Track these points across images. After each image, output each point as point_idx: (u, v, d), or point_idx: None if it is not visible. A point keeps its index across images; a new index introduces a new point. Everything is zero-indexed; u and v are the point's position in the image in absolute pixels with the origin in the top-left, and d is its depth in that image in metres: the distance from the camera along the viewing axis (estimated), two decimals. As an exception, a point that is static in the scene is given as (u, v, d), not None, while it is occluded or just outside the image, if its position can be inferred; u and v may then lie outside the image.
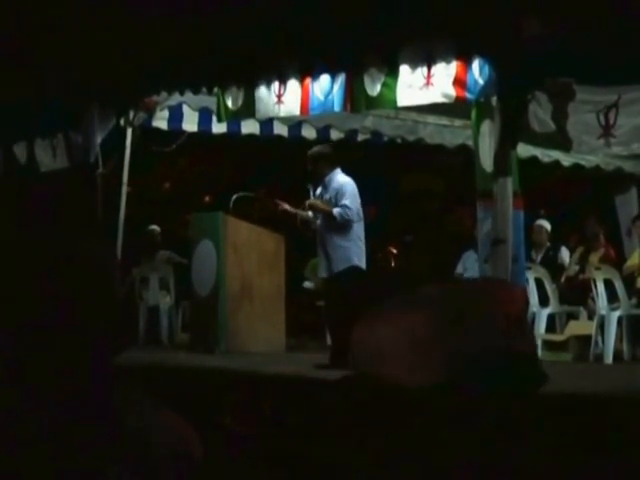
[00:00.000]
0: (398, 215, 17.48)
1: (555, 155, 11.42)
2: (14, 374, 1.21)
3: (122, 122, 10.63)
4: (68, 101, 10.03)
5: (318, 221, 8.73)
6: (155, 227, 13.02)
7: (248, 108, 9.44)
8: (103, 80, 9.78)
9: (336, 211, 8.48)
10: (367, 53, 8.27)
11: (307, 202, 8.76)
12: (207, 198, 18.31)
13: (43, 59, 9.94)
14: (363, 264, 8.61)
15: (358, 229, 8.60)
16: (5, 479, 1.17)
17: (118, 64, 9.50)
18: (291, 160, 15.55)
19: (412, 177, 17.20)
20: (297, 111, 9.19)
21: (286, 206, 9.10)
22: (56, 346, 1.24)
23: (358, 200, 8.60)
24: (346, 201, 8.49)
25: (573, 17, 6.90)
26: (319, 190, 8.80)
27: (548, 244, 11.39)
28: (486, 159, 8.26)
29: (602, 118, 7.46)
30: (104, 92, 9.98)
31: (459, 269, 11.81)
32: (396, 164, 15.61)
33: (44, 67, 9.94)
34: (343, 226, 8.51)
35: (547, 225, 11.51)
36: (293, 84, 9.00)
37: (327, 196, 8.64)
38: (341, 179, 8.66)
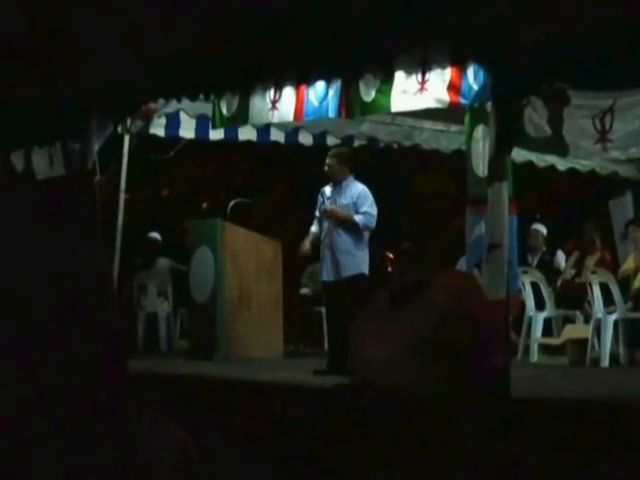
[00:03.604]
0: (405, 219, 17.46)
1: (551, 160, 11.45)
2: (21, 372, 1.24)
3: (120, 129, 10.65)
4: (66, 109, 10.04)
5: (325, 224, 8.65)
6: (157, 235, 13.03)
7: (242, 114, 9.43)
8: (101, 88, 9.80)
9: (359, 218, 8.42)
10: (363, 60, 8.28)
11: (327, 208, 8.61)
12: (205, 205, 18.32)
13: (41, 67, 9.96)
14: (367, 271, 8.64)
15: (367, 236, 8.60)
16: (13, 477, 1.20)
17: (115, 72, 9.52)
18: (288, 166, 15.59)
19: (421, 180, 17.13)
20: (291, 117, 9.17)
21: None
22: (62, 347, 1.27)
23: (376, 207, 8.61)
24: (369, 208, 8.45)
25: (567, 22, 6.92)
26: (329, 192, 8.73)
27: (544, 248, 11.42)
28: (479, 164, 8.28)
29: (598, 123, 7.48)
30: (102, 100, 10.00)
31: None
32: (402, 167, 15.54)
33: (42, 75, 9.96)
34: (359, 233, 8.46)
35: (543, 229, 11.54)
36: (289, 91, 9.00)
37: (344, 201, 8.57)
38: (359, 185, 8.61)
